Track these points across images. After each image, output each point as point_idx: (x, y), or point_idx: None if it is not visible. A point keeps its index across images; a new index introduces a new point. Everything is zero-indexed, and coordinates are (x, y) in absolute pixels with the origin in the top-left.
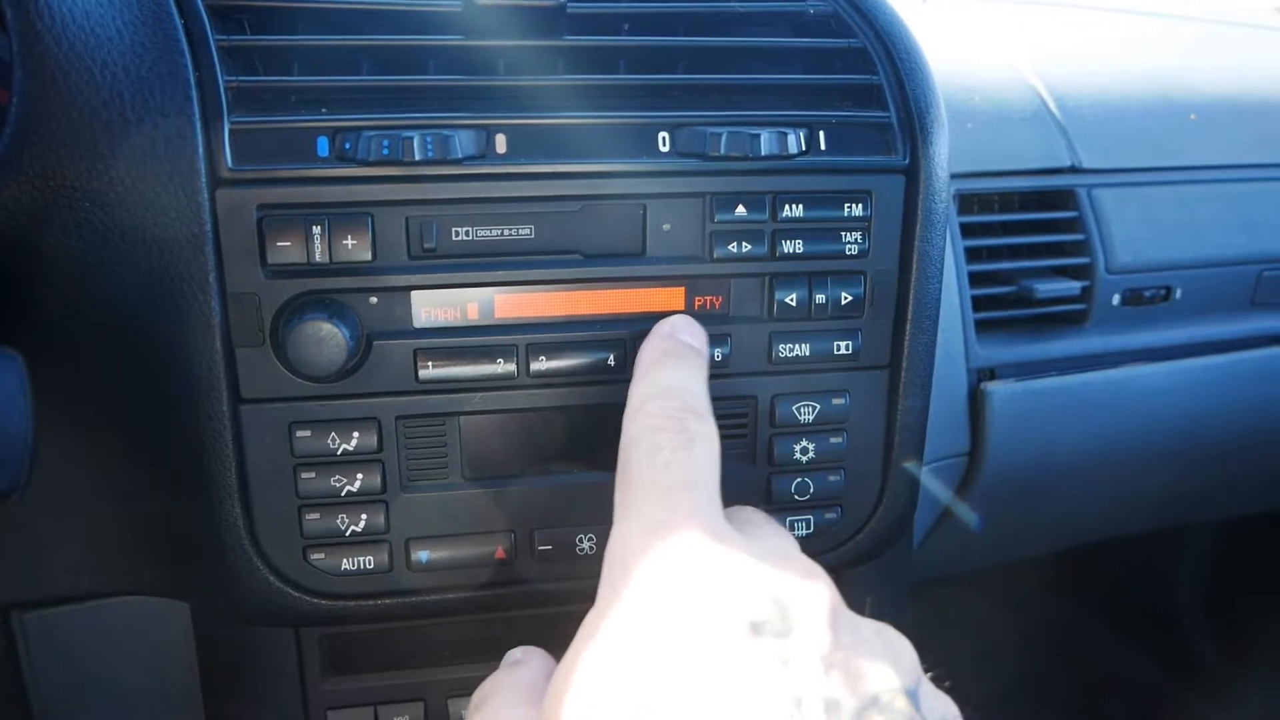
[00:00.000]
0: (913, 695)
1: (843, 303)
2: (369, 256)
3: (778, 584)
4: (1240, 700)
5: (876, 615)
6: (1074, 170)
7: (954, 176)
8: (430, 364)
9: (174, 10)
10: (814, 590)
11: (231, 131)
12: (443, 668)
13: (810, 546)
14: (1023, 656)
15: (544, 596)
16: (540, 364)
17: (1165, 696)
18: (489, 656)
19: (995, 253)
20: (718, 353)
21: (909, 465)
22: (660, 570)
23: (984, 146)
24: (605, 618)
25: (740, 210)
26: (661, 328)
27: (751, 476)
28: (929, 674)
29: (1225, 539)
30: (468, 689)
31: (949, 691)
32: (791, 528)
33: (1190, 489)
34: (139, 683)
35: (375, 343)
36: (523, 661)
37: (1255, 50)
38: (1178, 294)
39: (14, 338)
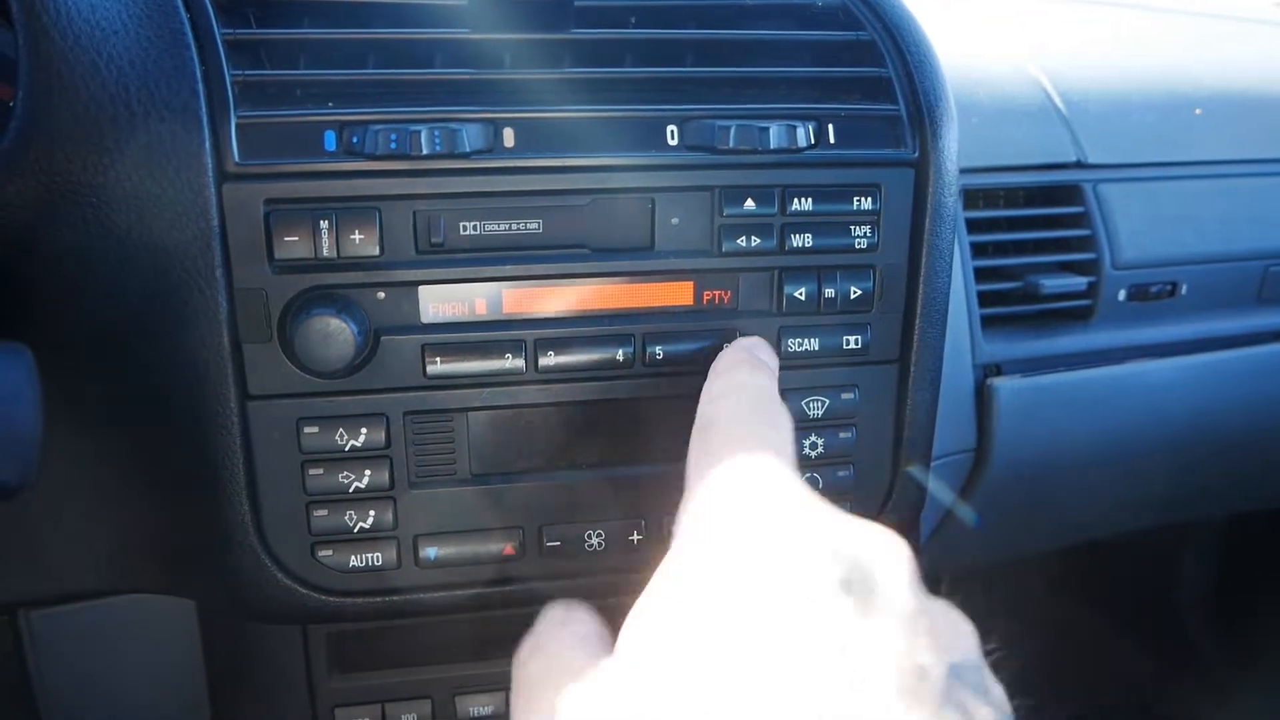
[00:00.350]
0: (979, 669)
1: (852, 297)
2: (376, 251)
3: (864, 544)
4: (1244, 697)
5: None
6: (1079, 165)
7: (960, 171)
8: (438, 359)
9: (179, 4)
10: (897, 553)
11: (238, 126)
12: (449, 665)
13: None
14: (1027, 652)
15: (552, 593)
16: (548, 359)
17: (1169, 693)
18: (496, 654)
19: (1001, 248)
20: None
21: (918, 460)
22: (751, 525)
23: (989, 142)
24: (693, 566)
25: (749, 204)
26: (741, 342)
27: None
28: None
29: (1230, 535)
30: (474, 686)
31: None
32: None
33: (1196, 485)
34: (145, 680)
35: (383, 338)
36: (571, 619)
37: (1259, 45)
38: (1183, 289)
39: (19, 333)
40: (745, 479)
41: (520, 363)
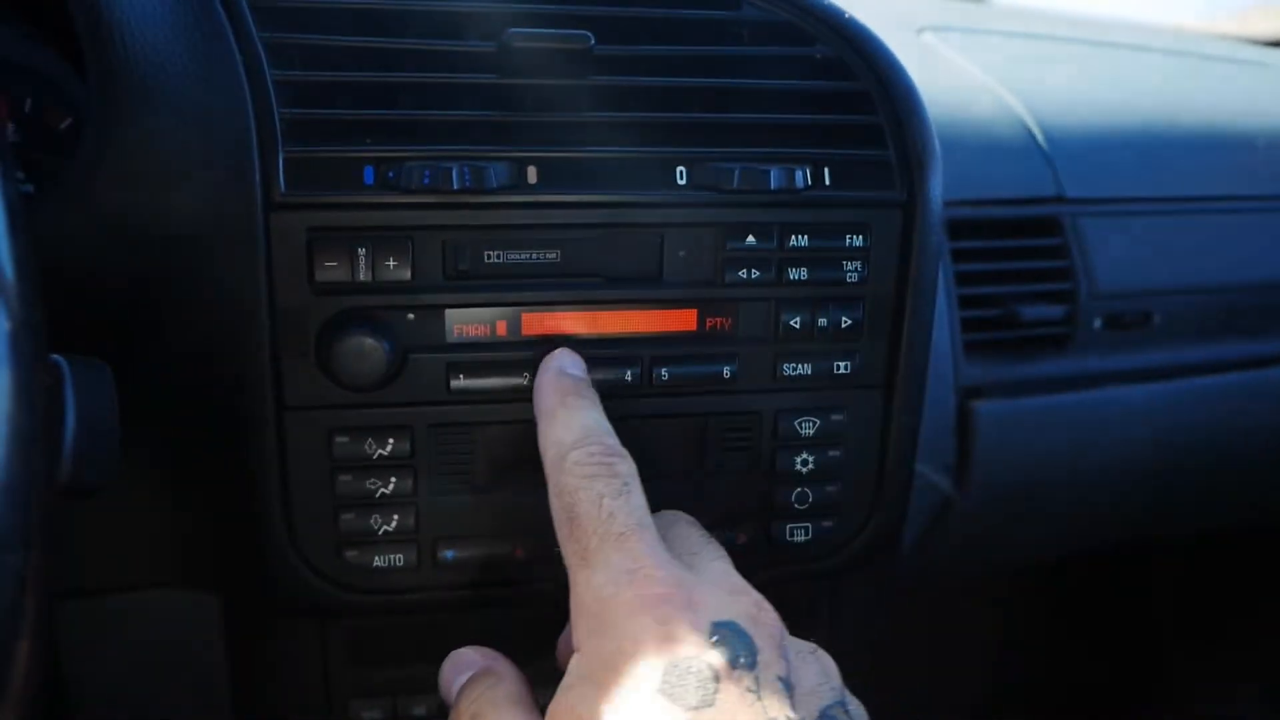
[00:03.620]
0: (844, 705)
1: (842, 326)
2: (408, 276)
3: (740, 617)
4: (1214, 713)
5: (864, 620)
6: (1059, 200)
7: (946, 204)
8: (461, 376)
9: (235, 47)
10: (767, 618)
11: (286, 160)
12: None
13: (808, 552)
14: (998, 666)
15: (556, 594)
16: None
17: (1138, 709)
18: (502, 651)
19: (984, 277)
20: (726, 370)
21: (900, 477)
22: (639, 620)
23: (974, 176)
24: (596, 667)
25: (750, 240)
26: (549, 364)
27: (755, 486)
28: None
29: (1201, 554)
30: None
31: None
32: (791, 535)
33: (1167, 505)
34: (169, 669)
35: (411, 356)
36: (497, 672)
37: (1233, 84)
38: (1156, 319)
39: (87, 348)
40: (624, 569)
41: None
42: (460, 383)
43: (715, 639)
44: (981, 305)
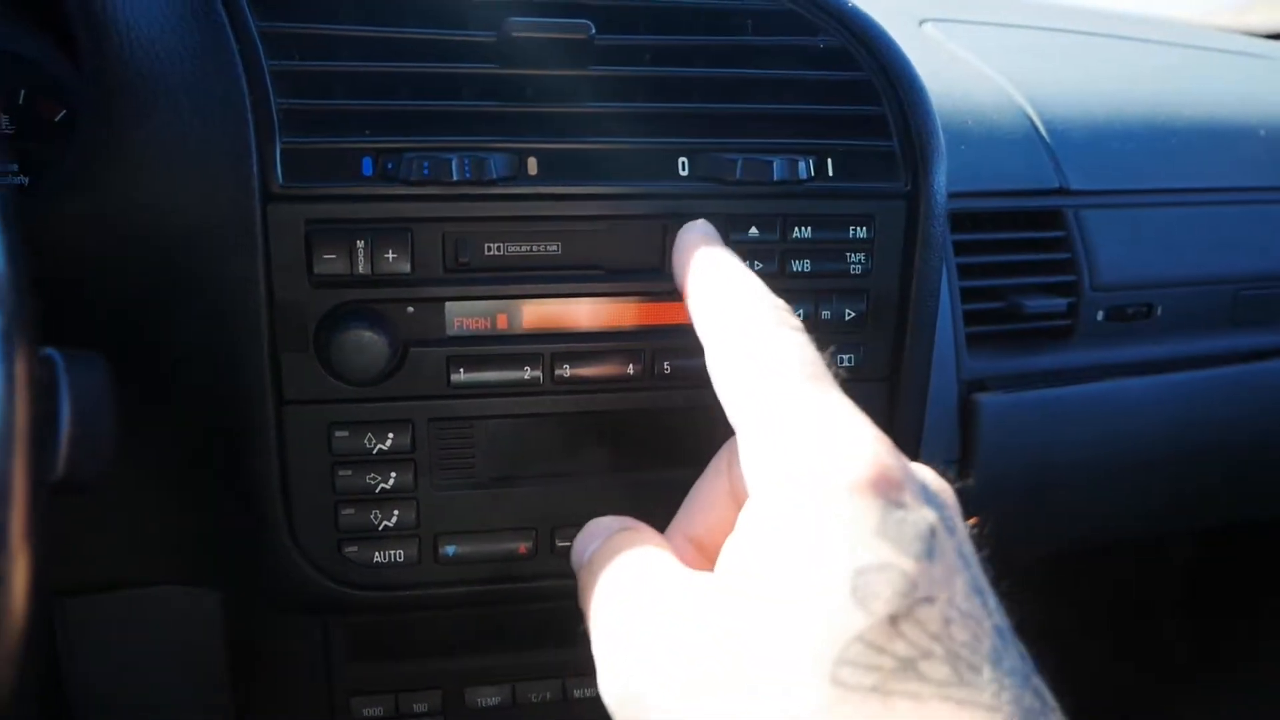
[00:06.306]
0: None
1: (846, 319)
2: (408, 269)
3: (941, 491)
4: (1219, 703)
5: None
6: (1062, 192)
7: (948, 196)
8: (462, 370)
9: (231, 37)
10: (955, 498)
11: (283, 151)
12: (460, 658)
13: None
14: None
15: (561, 591)
16: (564, 371)
17: (1144, 698)
18: (504, 647)
19: (986, 269)
20: None
21: None
22: (849, 461)
23: (977, 168)
24: (794, 502)
25: (753, 231)
26: (692, 224)
27: None
28: None
29: (1205, 546)
30: (483, 678)
31: None
32: None
33: (1173, 498)
34: (169, 667)
35: (411, 349)
36: (637, 528)
37: (1236, 77)
38: (1159, 311)
39: (83, 342)
40: (835, 413)
41: (538, 374)
42: (461, 376)
43: (925, 500)
44: (984, 298)
